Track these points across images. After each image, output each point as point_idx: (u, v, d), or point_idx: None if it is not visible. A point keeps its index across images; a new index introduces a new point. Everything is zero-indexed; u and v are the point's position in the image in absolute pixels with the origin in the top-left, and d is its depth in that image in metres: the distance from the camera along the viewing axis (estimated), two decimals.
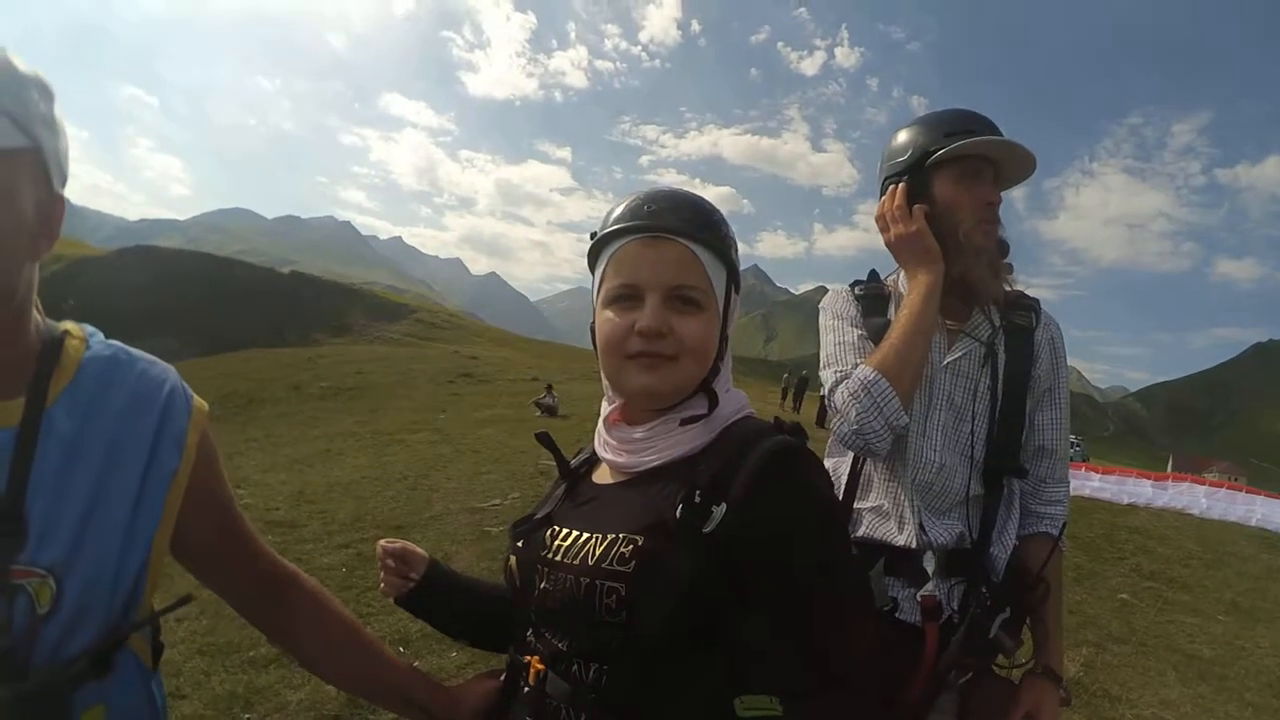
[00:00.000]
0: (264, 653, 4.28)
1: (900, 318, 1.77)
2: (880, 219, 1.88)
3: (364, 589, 5.42)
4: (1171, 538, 11.27)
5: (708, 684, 1.04)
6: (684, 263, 1.17)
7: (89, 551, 0.99)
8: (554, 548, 1.18)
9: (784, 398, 32.54)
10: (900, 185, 1.85)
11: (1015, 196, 1.86)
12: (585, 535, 1.15)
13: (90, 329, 1.15)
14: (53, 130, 1.03)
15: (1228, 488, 17.32)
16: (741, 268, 1.31)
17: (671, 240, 1.17)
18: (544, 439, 1.38)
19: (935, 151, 1.82)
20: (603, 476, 1.28)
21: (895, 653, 1.68)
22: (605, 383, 1.27)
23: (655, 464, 1.17)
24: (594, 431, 1.31)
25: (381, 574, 1.44)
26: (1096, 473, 17.68)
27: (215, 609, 4.70)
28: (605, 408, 1.29)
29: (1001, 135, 1.83)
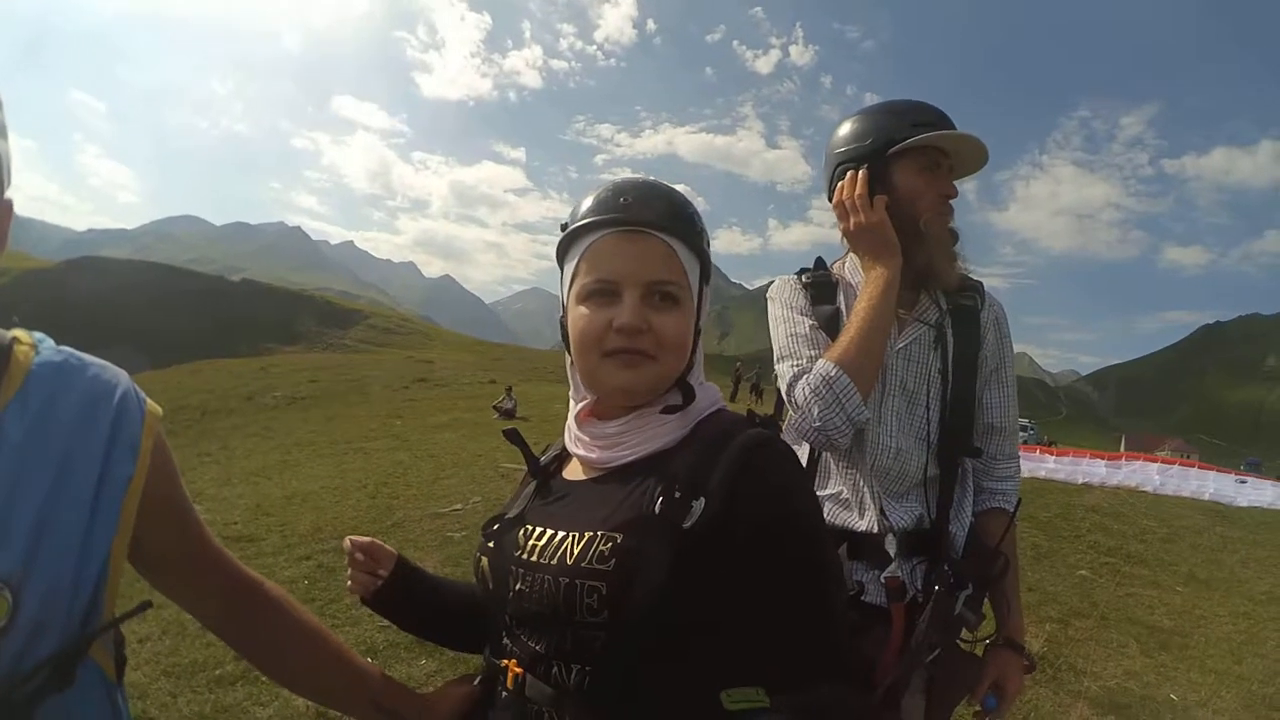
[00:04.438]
0: (230, 670, 4.21)
1: (858, 310, 1.77)
2: (839, 206, 1.88)
3: (327, 600, 5.37)
4: (1127, 515, 11.49)
5: (693, 679, 1.03)
6: (662, 258, 1.16)
7: (45, 561, 0.95)
8: (528, 548, 1.16)
9: (735, 388, 31.95)
10: (862, 172, 1.84)
11: (967, 189, 1.91)
12: (561, 534, 1.13)
13: (40, 336, 1.11)
14: (4, 137, 1.00)
15: (1180, 464, 17.67)
16: None
17: (648, 234, 1.16)
18: (512, 436, 1.35)
19: (900, 140, 1.82)
20: (574, 473, 1.27)
21: (864, 635, 1.69)
22: (576, 378, 1.25)
23: (630, 459, 1.16)
24: (555, 431, 1.29)
25: (349, 570, 1.41)
26: (1051, 454, 17.95)
27: (178, 629, 4.65)
28: (574, 404, 1.28)
29: (956, 128, 1.85)
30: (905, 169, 1.84)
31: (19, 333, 1.09)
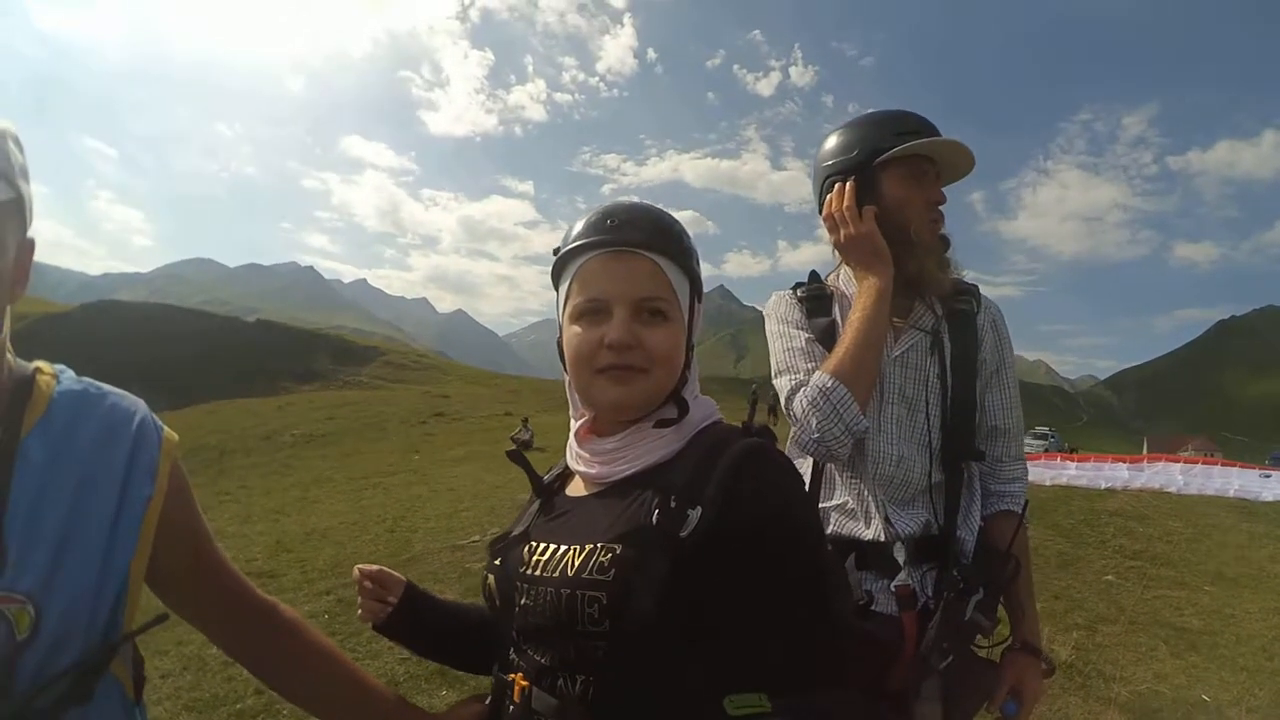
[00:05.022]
0: (251, 704, 4.21)
1: (853, 321, 1.78)
2: (829, 219, 1.89)
3: (347, 635, 5.37)
4: (1152, 517, 11.36)
5: (695, 686, 1.04)
6: (649, 275, 1.18)
7: (66, 578, 1.00)
8: (532, 563, 1.18)
9: (752, 410, 31.01)
10: (849, 184, 1.86)
11: (975, 199, 1.97)
12: (563, 548, 1.15)
13: (60, 367, 1.17)
14: (27, 179, 1.07)
15: (1203, 463, 17.45)
16: (708, 289, 1.33)
17: (635, 253, 1.18)
18: (515, 456, 1.37)
19: (886, 150, 1.83)
20: (576, 489, 1.29)
21: (875, 644, 1.68)
22: (574, 397, 1.28)
23: (628, 473, 1.18)
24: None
25: (359, 599, 1.43)
26: (1072, 461, 17.79)
27: (199, 664, 4.67)
28: (574, 422, 1.30)
29: (941, 134, 1.87)
30: (892, 178, 1.85)
31: (41, 364, 1.15)
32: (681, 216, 1.29)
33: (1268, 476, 15.63)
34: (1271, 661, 5.84)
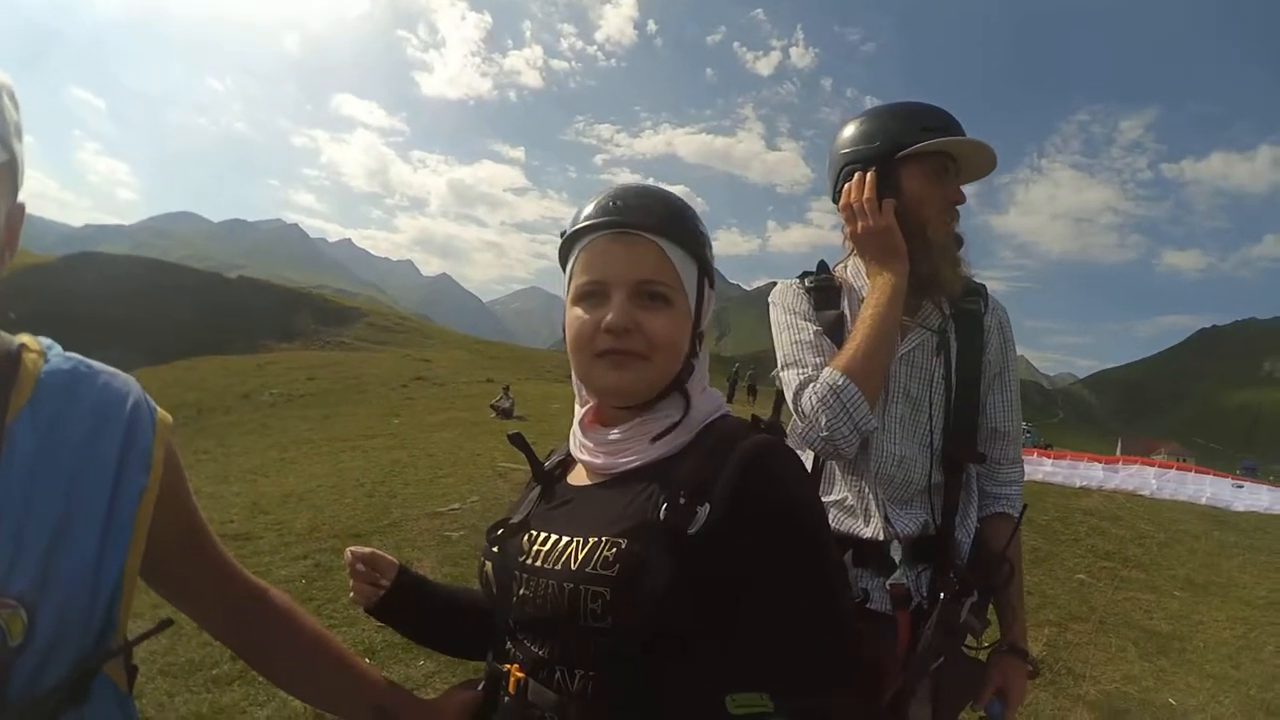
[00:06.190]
0: (227, 670, 4.19)
1: (865, 318, 1.75)
2: (846, 209, 1.85)
3: (324, 600, 5.35)
4: (1124, 518, 11.46)
5: (697, 684, 1.03)
6: (652, 258, 1.16)
7: (60, 578, 0.93)
8: (533, 553, 1.16)
9: (732, 389, 31.12)
10: (870, 175, 1.81)
11: (967, 192, 1.88)
12: (566, 539, 1.13)
13: (48, 341, 1.09)
14: (20, 138, 0.99)
15: (1177, 468, 17.63)
16: None
17: (640, 236, 1.16)
18: (517, 440, 1.34)
19: (909, 144, 1.80)
20: (579, 478, 1.26)
21: (869, 643, 1.68)
22: (577, 383, 1.25)
23: (634, 464, 1.16)
24: (553, 430, 1.29)
25: (351, 581, 1.40)
26: (1048, 458, 17.94)
27: (174, 628, 4.52)
28: (578, 409, 1.28)
29: (965, 133, 1.84)
30: (913, 174, 1.82)
31: (26, 338, 1.07)
32: (672, 191, 1.27)
33: (1240, 487, 15.81)
34: (1238, 670, 5.92)
